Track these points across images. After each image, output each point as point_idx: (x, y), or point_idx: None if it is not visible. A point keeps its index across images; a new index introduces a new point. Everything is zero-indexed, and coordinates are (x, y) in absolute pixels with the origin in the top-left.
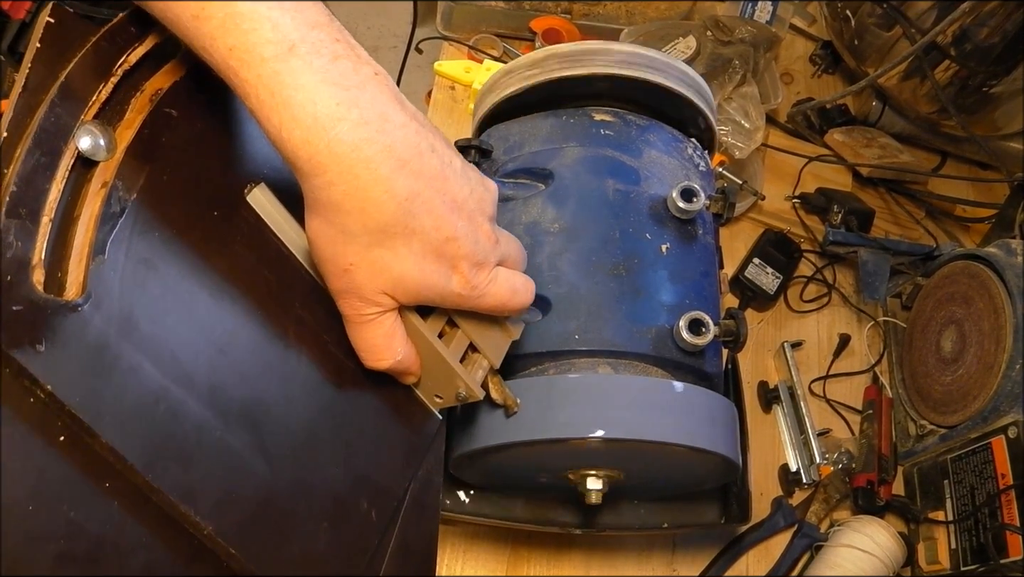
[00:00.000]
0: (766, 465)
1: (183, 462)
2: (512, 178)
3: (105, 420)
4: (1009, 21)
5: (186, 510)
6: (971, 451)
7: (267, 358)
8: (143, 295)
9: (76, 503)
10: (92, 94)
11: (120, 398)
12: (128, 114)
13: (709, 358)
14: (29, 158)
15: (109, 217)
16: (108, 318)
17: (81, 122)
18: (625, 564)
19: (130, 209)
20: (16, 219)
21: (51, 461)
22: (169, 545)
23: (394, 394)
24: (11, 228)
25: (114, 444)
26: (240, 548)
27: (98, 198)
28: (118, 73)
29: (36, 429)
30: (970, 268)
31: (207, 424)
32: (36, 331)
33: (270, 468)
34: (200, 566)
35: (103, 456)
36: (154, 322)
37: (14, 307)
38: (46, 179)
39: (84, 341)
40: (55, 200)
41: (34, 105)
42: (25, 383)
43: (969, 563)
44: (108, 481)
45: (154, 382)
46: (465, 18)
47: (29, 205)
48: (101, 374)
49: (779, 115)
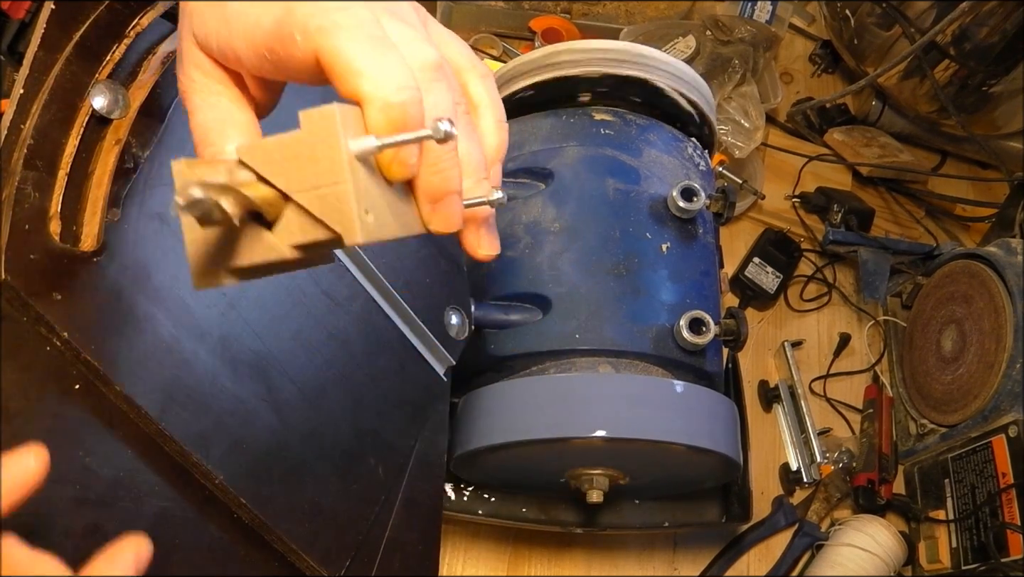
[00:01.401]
0: (767, 464)
1: (195, 411)
2: (512, 178)
3: (119, 368)
4: (1008, 20)
5: (198, 459)
6: (972, 450)
7: (276, 313)
8: (156, 248)
9: (91, 449)
10: (106, 54)
11: (134, 347)
12: (141, 75)
13: (710, 357)
14: (46, 112)
15: (123, 172)
16: (122, 269)
17: (95, 80)
18: (626, 563)
19: (144, 165)
20: (33, 171)
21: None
22: (181, 493)
23: (400, 354)
24: (28, 179)
25: (128, 391)
26: (249, 497)
27: (112, 154)
28: (131, 35)
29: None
30: (970, 267)
31: (218, 374)
32: (53, 280)
33: (279, 420)
34: (211, 516)
35: (117, 404)
36: (167, 275)
37: (31, 256)
38: (62, 133)
39: (99, 291)
40: (71, 154)
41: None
42: (42, 331)
43: (970, 562)
44: (122, 429)
45: (166, 332)
46: (465, 18)
47: (46, 157)
48: (115, 323)
49: (779, 115)
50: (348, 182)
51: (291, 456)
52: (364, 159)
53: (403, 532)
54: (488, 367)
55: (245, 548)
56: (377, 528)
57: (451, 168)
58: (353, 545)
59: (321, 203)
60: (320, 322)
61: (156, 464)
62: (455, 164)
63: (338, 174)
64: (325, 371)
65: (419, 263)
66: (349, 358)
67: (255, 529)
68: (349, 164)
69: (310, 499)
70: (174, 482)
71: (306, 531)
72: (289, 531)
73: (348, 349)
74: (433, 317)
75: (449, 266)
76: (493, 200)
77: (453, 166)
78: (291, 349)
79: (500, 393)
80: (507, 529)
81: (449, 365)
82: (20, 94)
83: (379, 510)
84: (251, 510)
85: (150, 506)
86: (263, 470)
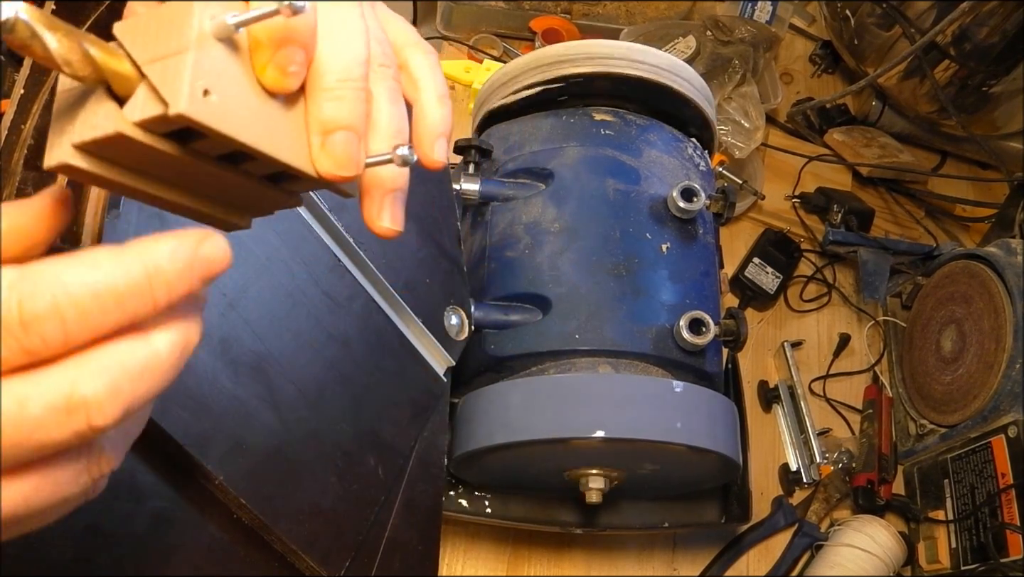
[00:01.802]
0: (766, 464)
1: (195, 411)
2: (512, 178)
3: None
4: (1008, 21)
5: (197, 458)
6: (971, 450)
7: (276, 313)
8: None
9: None
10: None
11: None
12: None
13: (709, 357)
14: (46, 112)
15: None
16: None
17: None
18: (626, 563)
19: None
20: (34, 171)
21: None
22: (181, 493)
23: (400, 354)
24: (28, 179)
25: None
26: (249, 497)
27: None
28: None
29: None
30: (970, 268)
31: (218, 375)
32: None
33: (279, 420)
34: (211, 516)
35: None
36: None
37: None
38: None
39: None
40: None
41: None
42: None
43: (969, 562)
44: None
45: None
46: (465, 18)
47: None
48: None
49: (779, 115)
50: (190, 51)
51: (291, 456)
52: (229, 43)
53: (403, 532)
54: (488, 367)
55: (245, 548)
56: (377, 528)
57: (352, 100)
58: (353, 545)
59: (162, 73)
60: (320, 322)
61: (156, 464)
62: (359, 100)
63: (183, 43)
64: (325, 371)
65: (419, 263)
66: (349, 359)
67: (255, 529)
68: (198, 36)
69: (310, 499)
70: (174, 482)
71: (306, 531)
72: (289, 531)
73: (348, 350)
74: (433, 317)
75: (449, 266)
76: (399, 156)
77: (357, 100)
78: (291, 350)
79: (500, 393)
80: (507, 529)
81: (449, 365)
82: (21, 94)
83: (379, 510)
84: (251, 510)
85: (149, 507)
86: (263, 470)
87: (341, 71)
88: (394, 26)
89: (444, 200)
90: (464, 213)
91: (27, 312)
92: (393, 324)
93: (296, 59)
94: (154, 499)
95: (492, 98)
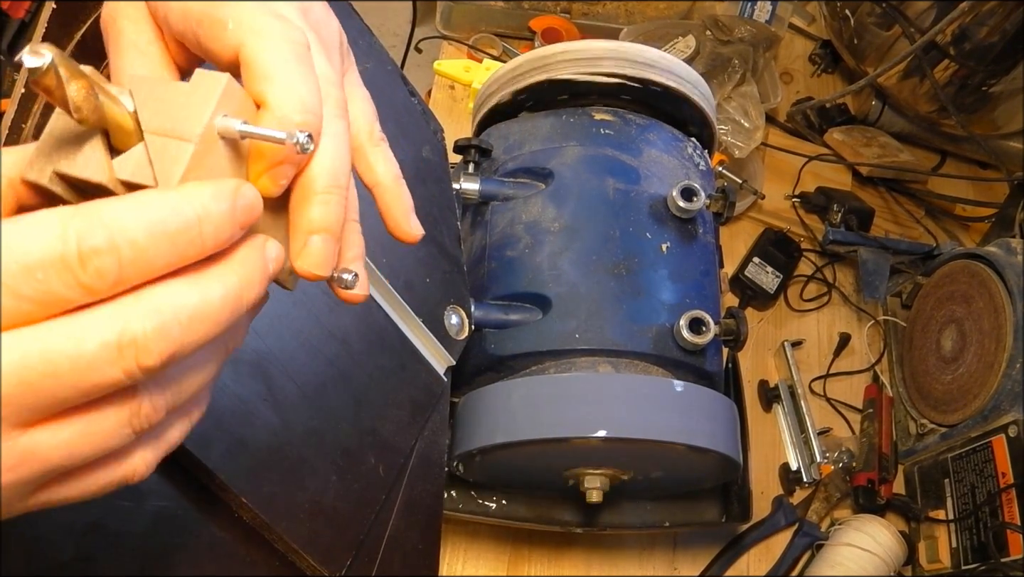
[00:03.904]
0: (767, 464)
1: None
2: (512, 177)
3: None
4: (1008, 20)
5: (198, 457)
6: (971, 450)
7: (277, 312)
8: None
9: None
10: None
11: None
12: None
13: (709, 357)
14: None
15: None
16: None
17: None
18: (626, 563)
19: None
20: None
21: None
22: (181, 493)
23: (400, 354)
24: None
25: None
26: (250, 496)
27: None
28: None
29: None
30: (970, 267)
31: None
32: None
33: (280, 419)
34: (211, 516)
35: None
36: None
37: None
38: None
39: None
40: None
41: None
42: None
43: (970, 561)
44: None
45: None
46: (464, 17)
47: None
48: None
49: (779, 114)
50: (193, 143)
51: (291, 455)
52: (231, 144)
53: (403, 531)
54: (488, 367)
55: (245, 547)
56: (377, 527)
57: (336, 204)
58: (354, 544)
59: (162, 150)
60: (320, 321)
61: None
62: (342, 204)
63: (191, 132)
64: (325, 370)
65: (419, 263)
66: (349, 357)
67: (255, 528)
68: (207, 129)
69: (310, 498)
70: (174, 482)
71: (306, 530)
72: (289, 530)
73: (348, 348)
74: (433, 317)
75: (449, 266)
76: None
77: (340, 204)
78: (292, 348)
79: (500, 393)
80: (507, 529)
81: (449, 365)
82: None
83: (379, 510)
84: (251, 509)
85: (150, 506)
86: (263, 469)
87: (330, 178)
88: (356, 107)
89: (444, 199)
90: (464, 212)
91: (85, 246)
92: (394, 323)
93: (290, 174)
94: (155, 498)
95: (492, 98)
